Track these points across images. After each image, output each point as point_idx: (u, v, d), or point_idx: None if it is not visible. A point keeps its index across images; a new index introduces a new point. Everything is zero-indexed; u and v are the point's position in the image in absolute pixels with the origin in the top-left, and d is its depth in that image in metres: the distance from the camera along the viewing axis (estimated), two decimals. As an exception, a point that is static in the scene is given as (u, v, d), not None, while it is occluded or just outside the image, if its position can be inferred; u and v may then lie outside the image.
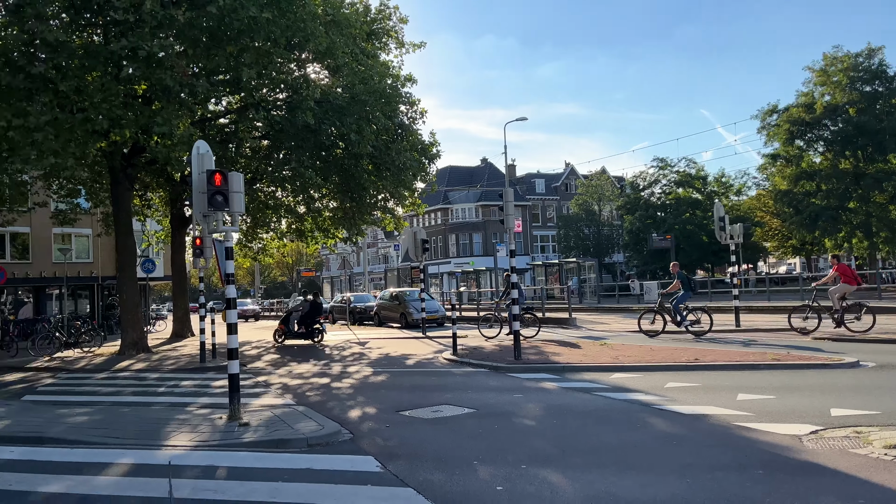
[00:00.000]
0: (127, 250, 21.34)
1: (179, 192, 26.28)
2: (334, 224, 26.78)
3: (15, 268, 37.18)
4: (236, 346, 9.44)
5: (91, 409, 11.05)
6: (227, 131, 23.62)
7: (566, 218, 65.43)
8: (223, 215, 9.34)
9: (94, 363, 18.67)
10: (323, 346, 20.02)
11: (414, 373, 13.96)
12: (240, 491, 6.16)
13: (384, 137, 21.42)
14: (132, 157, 20.77)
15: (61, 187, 25.78)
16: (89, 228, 39.27)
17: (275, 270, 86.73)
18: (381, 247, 76.60)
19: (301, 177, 20.09)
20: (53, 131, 15.54)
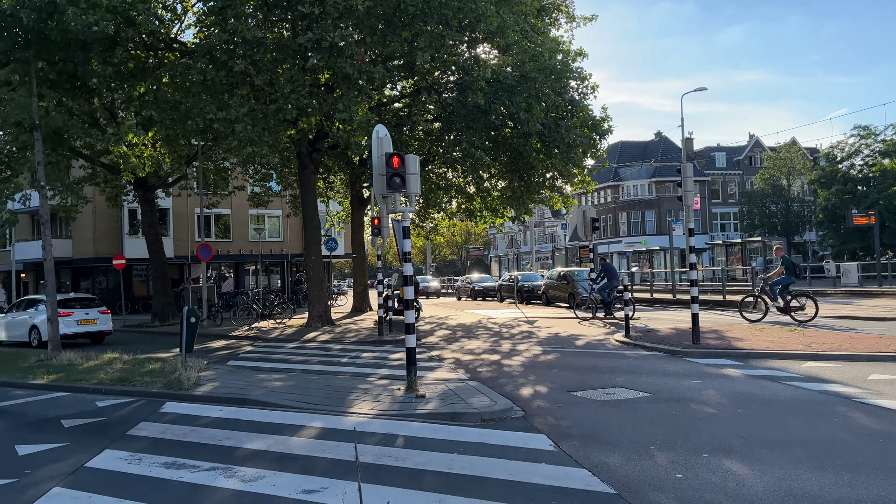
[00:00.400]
0: (313, 230, 22.95)
1: (358, 174, 27.76)
2: (502, 203, 26.98)
3: (219, 246, 41.38)
4: (413, 321, 9.85)
5: (284, 375, 12.09)
6: (401, 115, 24.53)
7: (750, 194, 60.89)
8: (400, 196, 9.74)
9: (286, 334, 20.37)
10: (493, 323, 20.33)
11: (584, 354, 13.78)
12: (418, 460, 6.44)
13: (553, 115, 21.14)
14: (316, 142, 22.23)
15: (256, 172, 28.26)
16: (279, 210, 42.75)
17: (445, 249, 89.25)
18: (548, 226, 76.08)
19: (471, 157, 20.41)
20: (250, 122, 17.00)
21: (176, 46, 20.32)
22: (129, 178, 23.49)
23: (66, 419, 9.11)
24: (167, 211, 38.67)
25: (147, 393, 10.69)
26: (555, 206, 26.14)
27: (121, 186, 27.23)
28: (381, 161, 9.72)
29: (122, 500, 5.60)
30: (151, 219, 27.14)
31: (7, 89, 14.73)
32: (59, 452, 7.31)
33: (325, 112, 18.09)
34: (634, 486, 5.45)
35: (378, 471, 6.15)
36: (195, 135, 19.45)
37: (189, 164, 26.16)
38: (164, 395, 10.44)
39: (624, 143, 67.57)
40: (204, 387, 10.81)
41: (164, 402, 10.01)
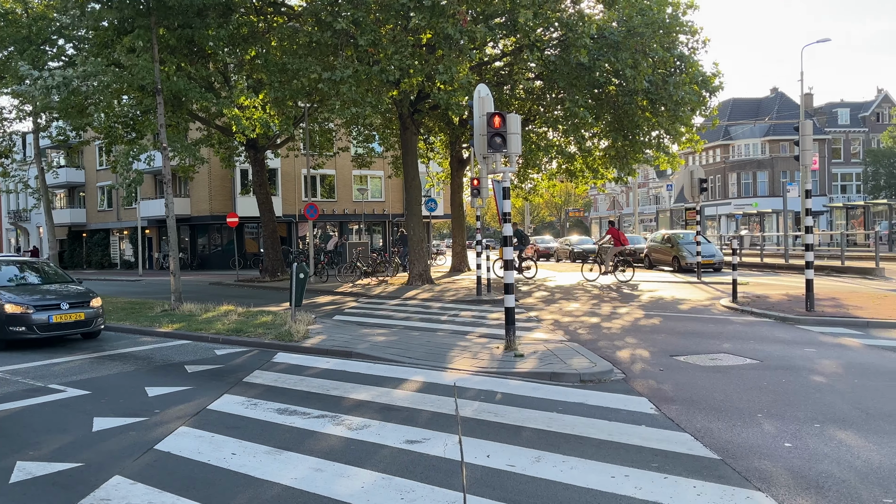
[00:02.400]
0: (414, 190, 23.29)
1: (458, 135, 27.78)
2: (605, 163, 26.29)
3: (324, 205, 42.79)
4: (512, 281, 9.89)
5: (387, 330, 12.49)
6: (502, 74, 24.26)
7: (876, 152, 56.42)
8: (501, 156, 9.71)
9: (387, 291, 20.94)
10: (593, 285, 20.07)
11: (688, 318, 13.40)
12: (517, 416, 6.55)
13: (661, 71, 20.26)
14: (417, 103, 22.38)
15: (359, 133, 28.85)
16: (381, 171, 43.61)
17: (543, 210, 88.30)
18: (652, 186, 73.62)
19: (573, 116, 19.94)
20: (354, 83, 17.32)
21: (284, 10, 20.87)
22: (241, 139, 24.55)
23: (188, 365, 9.84)
24: (276, 171, 40.24)
25: (260, 343, 11.34)
26: (660, 166, 25.23)
27: (233, 148, 28.53)
28: (482, 121, 9.69)
29: (242, 441, 6.03)
30: (261, 179, 28.35)
31: (132, 56, 15.65)
32: (183, 395, 7.93)
33: (427, 73, 18.15)
34: (739, 452, 5.33)
35: (478, 425, 6.30)
36: (302, 96, 20.04)
37: (296, 126, 27.02)
38: (276, 346, 11.04)
39: (736, 99, 63.90)
40: (312, 339, 11.35)
41: (275, 353, 10.59)
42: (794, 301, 14.59)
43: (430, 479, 4.97)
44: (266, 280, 27.58)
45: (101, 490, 4.93)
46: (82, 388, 8.40)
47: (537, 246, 44.21)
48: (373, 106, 18.23)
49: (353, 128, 27.77)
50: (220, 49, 18.11)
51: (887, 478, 4.73)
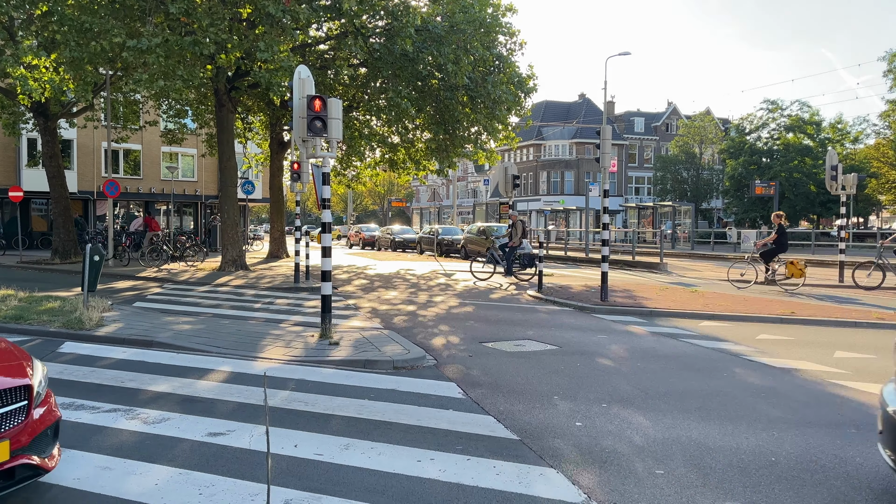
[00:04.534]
0: (229, 171, 22.21)
1: (279, 116, 26.92)
2: (426, 155, 26.84)
3: (127, 182, 39.51)
4: (329, 268, 9.77)
5: (194, 318, 11.81)
6: (326, 58, 23.83)
7: (664, 159, 63.00)
8: (321, 141, 9.52)
9: (197, 277, 19.81)
10: (411, 274, 20.43)
11: (498, 307, 14.08)
12: (329, 405, 6.48)
13: (481, 69, 21.05)
14: (235, 80, 21.35)
15: (170, 108, 26.94)
16: (194, 148, 41.08)
17: (366, 199, 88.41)
18: (471, 181, 76.49)
19: (396, 106, 20.13)
20: (163, 54, 16.11)
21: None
22: (26, 102, 21.92)
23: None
24: (71, 143, 36.47)
25: (44, 332, 10.21)
26: (479, 161, 26.25)
27: (19, 113, 25.40)
28: (301, 103, 9.44)
29: (15, 440, 5.37)
30: (53, 150, 25.53)
31: None
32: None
33: (246, 49, 17.34)
34: (536, 432, 5.68)
35: (287, 415, 6.15)
36: (103, 62, 18.27)
37: (96, 94, 24.63)
38: (63, 335, 10.01)
39: (549, 102, 68.22)
40: (107, 327, 10.43)
41: (62, 342, 9.60)
42: (591, 292, 15.86)
43: (232, 472, 4.76)
44: (56, 262, 24.95)
45: None
46: None
47: (363, 234, 44.25)
48: (184, 80, 17.06)
49: (162, 101, 25.87)
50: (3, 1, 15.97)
51: (660, 451, 5.28)
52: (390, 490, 4.47)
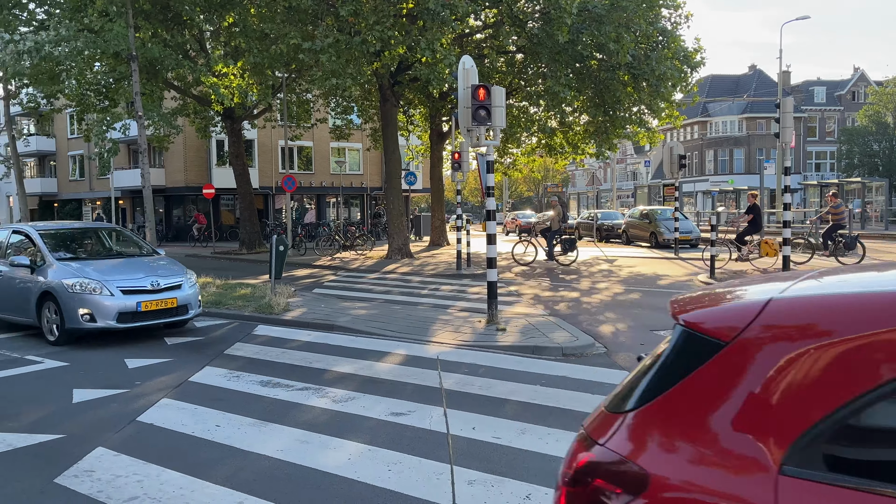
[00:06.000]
0: (393, 163, 23.11)
1: (438, 108, 27.56)
2: (584, 139, 26.31)
3: (301, 178, 42.31)
4: (495, 255, 9.91)
5: (368, 304, 12.47)
6: (483, 46, 24.03)
7: (850, 131, 57.14)
8: (485, 129, 9.64)
9: (366, 265, 20.86)
10: (570, 261, 20.17)
11: (667, 293, 13.54)
12: (501, 389, 6.58)
13: (643, 45, 20.22)
14: (398, 74, 22.12)
15: (338, 105, 28.49)
16: (360, 143, 43.17)
17: (521, 185, 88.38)
18: (630, 163, 73.95)
19: (554, 94, 19.86)
20: (335, 54, 17.04)
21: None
22: (219, 108, 24.12)
23: (168, 337, 9.73)
24: (252, 142, 39.68)
25: (240, 316, 11.25)
26: (640, 141, 25.33)
27: (209, 118, 28.04)
28: (466, 93, 9.60)
29: (226, 413, 5.99)
30: (238, 150, 27.93)
31: (104, 20, 15.23)
32: (164, 367, 7.85)
33: (408, 44, 17.91)
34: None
35: (462, 398, 6.33)
36: (281, 65, 19.69)
37: (274, 96, 26.61)
38: (256, 319, 10.97)
39: (714, 76, 64.14)
40: (292, 312, 11.29)
41: (256, 325, 10.53)
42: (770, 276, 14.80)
43: (416, 450, 4.99)
44: (243, 252, 27.33)
45: (85, 461, 4.88)
46: (60, 360, 8.28)
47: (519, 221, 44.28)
48: (353, 77, 17.97)
49: (331, 99, 27.42)
50: (197, 15, 17.67)
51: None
52: (571, 476, 4.46)
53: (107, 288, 9.00)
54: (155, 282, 9.38)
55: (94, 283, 8.99)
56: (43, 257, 9.58)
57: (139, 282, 9.33)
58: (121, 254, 10.87)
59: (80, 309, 8.84)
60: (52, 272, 9.27)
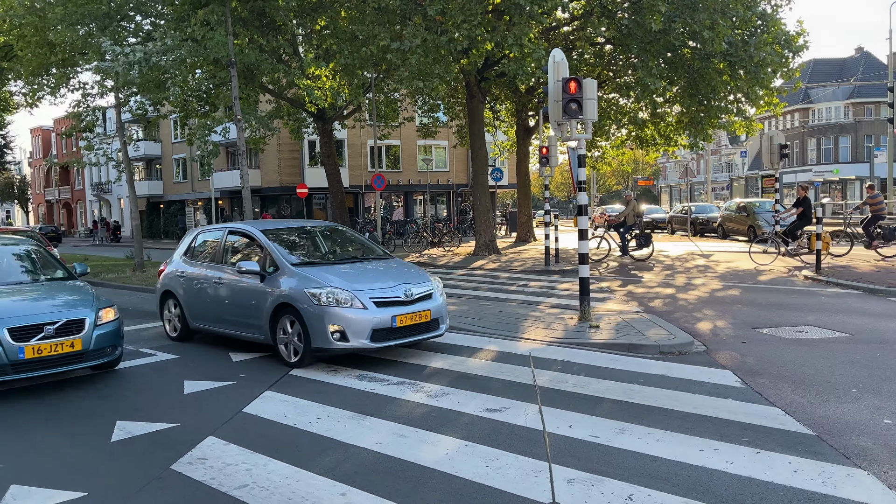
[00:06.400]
0: (480, 160, 23.13)
1: (525, 103, 27.36)
2: (677, 130, 25.47)
3: (389, 176, 43.03)
4: (587, 251, 9.74)
5: (457, 300, 12.52)
6: (570, 39, 23.67)
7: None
8: (576, 123, 9.49)
9: (454, 261, 20.98)
10: (645, 256, 19.53)
11: (769, 289, 12.94)
12: (596, 387, 6.47)
13: (740, 31, 19.36)
14: (484, 70, 22.10)
15: (424, 103, 28.77)
16: (446, 140, 43.49)
17: (610, 179, 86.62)
18: (725, 153, 71.04)
19: (645, 82, 19.30)
20: (423, 53, 17.20)
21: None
22: (312, 109, 24.82)
23: (268, 331, 10.09)
24: (342, 142, 40.67)
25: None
26: (737, 131, 24.28)
27: (302, 119, 28.92)
28: (556, 86, 9.48)
29: (325, 406, 6.17)
30: (329, 150, 28.68)
31: (205, 29, 15.94)
32: (266, 360, 8.16)
33: (495, 40, 17.86)
34: (835, 428, 5.12)
35: (557, 395, 6.26)
36: (370, 65, 20.05)
37: (363, 96, 27.17)
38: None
39: (817, 60, 60.65)
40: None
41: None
42: (884, 272, 13.90)
43: (513, 447, 4.98)
44: (335, 250, 28.02)
45: (198, 450, 5.14)
46: (171, 353, 8.76)
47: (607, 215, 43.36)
48: (440, 77, 18.08)
49: (418, 97, 27.73)
50: (290, 20, 18.24)
51: None
52: (674, 478, 4.34)
53: (358, 299, 7.44)
54: (408, 290, 7.79)
55: (344, 294, 7.43)
56: (274, 262, 8.09)
57: (391, 291, 7.72)
58: (356, 258, 9.01)
59: (330, 325, 7.29)
60: (289, 281, 7.76)
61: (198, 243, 9.68)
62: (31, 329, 6.69)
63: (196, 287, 9.16)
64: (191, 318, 9.26)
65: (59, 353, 6.80)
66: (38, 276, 8.25)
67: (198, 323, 9.19)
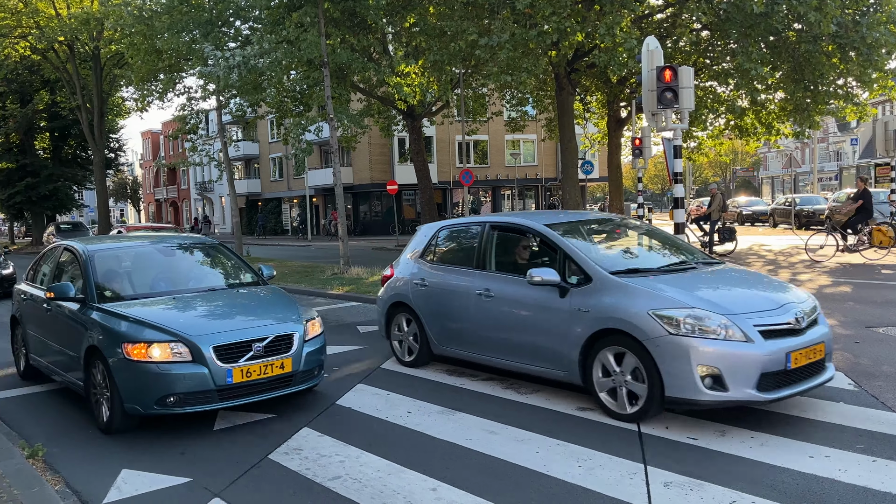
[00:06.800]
0: (570, 153, 22.73)
1: (617, 93, 26.68)
2: (780, 117, 24.17)
3: (477, 171, 43.08)
4: (683, 245, 9.36)
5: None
6: (664, 26, 22.88)
7: None
8: (672, 112, 9.16)
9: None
10: (728, 251, 18.54)
11: (885, 286, 12.07)
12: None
13: (850, 11, 18.12)
14: (574, 62, 21.70)
15: (513, 97, 28.58)
16: (534, 134, 43.09)
17: (706, 170, 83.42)
18: (833, 141, 66.89)
19: (745, 68, 18.39)
20: (511, 47, 17.06)
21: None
22: (402, 106, 25.17)
23: (360, 325, 10.31)
24: (431, 139, 41.03)
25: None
26: (847, 117, 22.78)
27: (392, 117, 29.37)
28: (651, 75, 9.18)
29: (415, 400, 6.22)
30: (418, 146, 28.98)
31: (299, 30, 16.45)
32: (357, 354, 8.32)
33: (585, 31, 17.49)
34: (964, 438, 4.70)
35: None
36: (458, 61, 20.12)
37: (452, 92, 27.30)
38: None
39: (939, 38, 56.07)
40: (474, 303, 11.47)
41: (439, 316, 10.81)
42: None
43: (606, 447, 4.85)
44: (424, 245, 28.29)
45: (293, 440, 5.29)
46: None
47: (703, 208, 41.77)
48: (528, 70, 17.89)
49: (506, 92, 27.55)
50: (380, 18, 18.54)
51: None
52: (781, 485, 4.10)
53: (738, 327, 5.02)
54: (799, 313, 5.31)
55: (716, 319, 5.04)
56: (582, 269, 5.82)
57: (778, 315, 5.23)
58: (684, 263, 6.30)
59: (699, 366, 4.95)
60: (613, 296, 5.51)
61: (441, 241, 7.64)
62: (239, 347, 5.57)
63: (447, 300, 6.98)
64: (437, 339, 7.14)
65: (268, 375, 5.67)
66: (231, 281, 7.15)
67: (448, 347, 7.06)
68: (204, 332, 5.56)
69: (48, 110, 39.75)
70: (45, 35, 28.24)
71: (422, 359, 7.39)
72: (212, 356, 5.42)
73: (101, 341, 5.65)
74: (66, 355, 6.35)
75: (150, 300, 6.25)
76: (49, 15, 30.05)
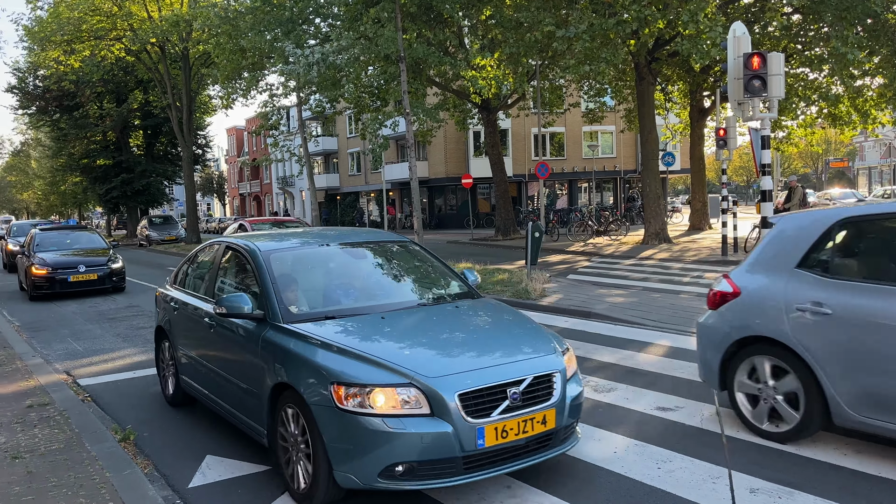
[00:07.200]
0: (650, 144, 22.15)
1: (700, 82, 25.82)
2: (878, 105, 22.78)
3: (552, 164, 42.57)
4: (771, 240, 8.95)
5: (625, 291, 12.09)
6: (752, 11, 21.92)
7: None
8: (759, 101, 8.76)
9: (621, 250, 20.30)
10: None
11: None
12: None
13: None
14: (655, 50, 21.10)
15: (591, 88, 28.07)
16: (613, 125, 42.18)
17: (796, 161, 79.61)
18: (938, 130, 62.56)
19: (840, 53, 17.41)
20: (589, 38, 16.74)
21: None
22: (477, 99, 25.13)
23: (435, 319, 10.33)
24: (506, 132, 40.79)
25: (499, 300, 11.58)
26: (955, 104, 21.24)
27: (467, 110, 29.37)
28: (737, 63, 8.79)
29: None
30: (493, 140, 28.88)
31: (377, 26, 16.65)
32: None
33: (667, 19, 16.96)
34: None
35: (736, 396, 5.80)
36: (534, 53, 19.91)
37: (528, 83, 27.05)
38: (514, 304, 11.20)
39: None
40: (549, 298, 11.35)
41: (514, 310, 10.74)
42: None
43: (687, 449, 4.69)
44: (499, 239, 28.25)
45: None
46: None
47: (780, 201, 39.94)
48: (607, 61, 17.51)
49: (584, 83, 27.08)
50: (457, 12, 18.54)
51: None
52: (878, 496, 3.86)
53: None
54: None
55: None
56: None
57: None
58: None
59: None
60: None
61: (849, 242, 4.83)
62: (491, 394, 3.87)
63: (872, 338, 4.29)
64: (847, 401, 4.40)
65: (527, 435, 3.93)
66: (438, 292, 5.34)
67: (872, 416, 4.31)
68: (443, 371, 3.87)
69: (141, 109, 41.77)
70: (138, 37, 29.67)
71: (807, 429, 4.66)
72: (457, 407, 3.74)
73: (297, 378, 4.04)
74: (238, 389, 4.79)
75: (351, 320, 4.52)
76: (141, 18, 31.54)
